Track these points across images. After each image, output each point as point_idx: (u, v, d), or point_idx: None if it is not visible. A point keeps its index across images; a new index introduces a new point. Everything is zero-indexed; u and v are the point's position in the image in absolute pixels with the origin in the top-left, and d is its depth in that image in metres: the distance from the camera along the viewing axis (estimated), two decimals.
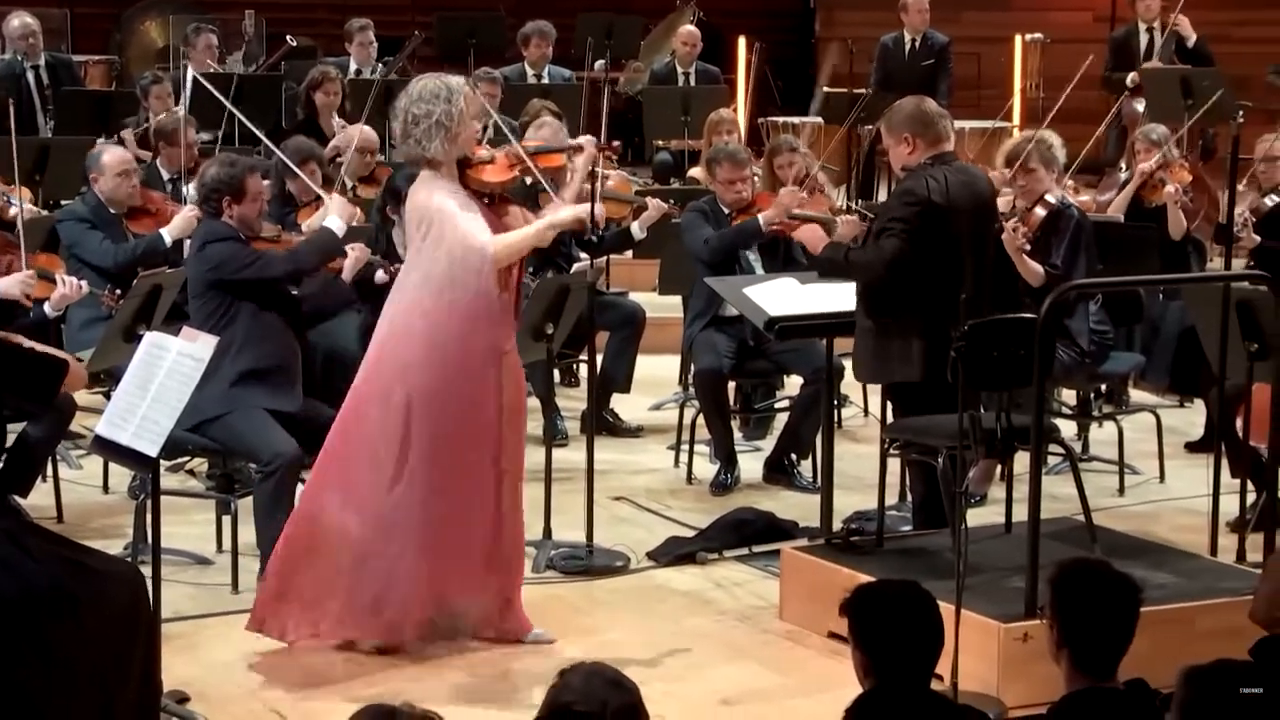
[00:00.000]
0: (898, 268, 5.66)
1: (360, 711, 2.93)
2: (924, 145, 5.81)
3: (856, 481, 7.01)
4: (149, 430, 4.52)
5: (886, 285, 5.70)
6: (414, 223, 5.26)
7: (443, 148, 5.22)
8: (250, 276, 5.95)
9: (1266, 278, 5.76)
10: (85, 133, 9.48)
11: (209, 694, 5.04)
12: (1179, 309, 7.85)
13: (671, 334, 8.31)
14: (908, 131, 5.82)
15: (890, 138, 5.88)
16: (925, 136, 5.81)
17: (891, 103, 6.15)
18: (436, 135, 5.21)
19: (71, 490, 6.95)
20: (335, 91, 10.00)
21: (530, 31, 11.55)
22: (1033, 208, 6.89)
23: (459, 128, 5.24)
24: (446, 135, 5.21)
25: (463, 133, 5.26)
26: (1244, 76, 11.68)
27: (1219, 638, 4.67)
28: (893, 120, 5.88)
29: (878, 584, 3.82)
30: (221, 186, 6.01)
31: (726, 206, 7.51)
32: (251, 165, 6.25)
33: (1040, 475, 5.12)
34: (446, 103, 5.22)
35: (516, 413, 5.34)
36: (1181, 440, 7.86)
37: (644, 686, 3.06)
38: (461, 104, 5.24)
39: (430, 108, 5.21)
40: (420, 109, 5.22)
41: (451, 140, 5.23)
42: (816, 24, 16.26)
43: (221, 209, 6.02)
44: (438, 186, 5.24)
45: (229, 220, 6.02)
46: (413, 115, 5.23)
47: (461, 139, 5.27)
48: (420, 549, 5.20)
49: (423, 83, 5.31)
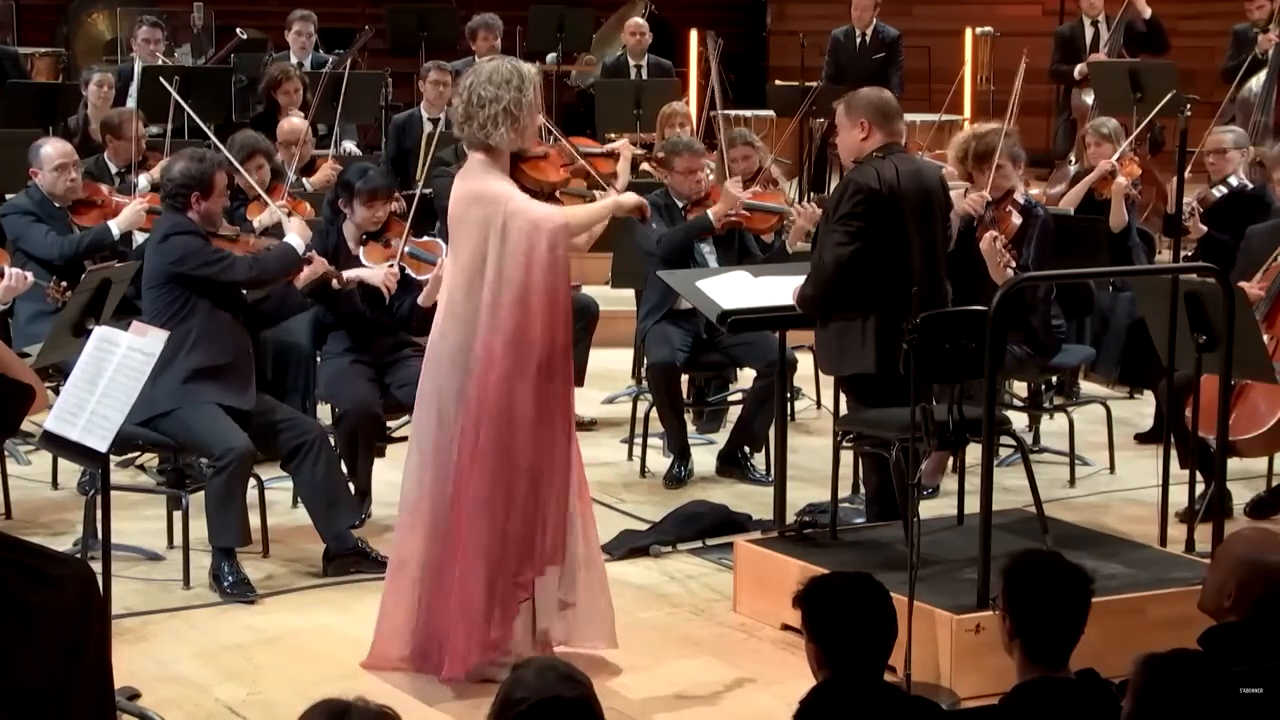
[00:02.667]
0: (847, 266, 5.67)
1: (313, 707, 2.91)
2: (878, 135, 5.81)
3: (810, 474, 7.03)
4: (99, 425, 4.49)
5: (837, 280, 5.72)
6: (463, 209, 4.93)
7: (506, 137, 4.94)
8: (211, 275, 5.93)
9: (1214, 270, 5.80)
10: (29, 126, 9.40)
11: (160, 690, 5.01)
12: (1128, 301, 7.91)
13: (625, 327, 8.31)
14: (865, 117, 5.81)
15: (847, 119, 5.84)
16: (882, 127, 5.81)
17: (841, 95, 6.16)
18: (503, 123, 4.92)
19: (20, 486, 6.89)
20: (296, 89, 9.97)
21: (477, 25, 11.52)
22: (1006, 212, 6.91)
23: (527, 119, 4.97)
24: (513, 125, 4.93)
25: (530, 125, 5.00)
26: (1191, 70, 11.77)
27: (1169, 627, 4.71)
28: (854, 103, 5.85)
29: (831, 576, 3.83)
30: (190, 182, 5.99)
31: (681, 198, 7.51)
32: (219, 161, 6.23)
33: (992, 467, 5.14)
34: (518, 90, 4.94)
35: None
36: (1131, 431, 7.92)
37: (597, 680, 3.05)
38: (531, 94, 4.96)
39: (500, 93, 4.92)
40: (489, 91, 4.93)
41: (517, 131, 4.96)
42: (768, 17, 16.30)
43: (189, 204, 6.00)
44: (492, 175, 4.97)
45: (193, 216, 6.00)
46: (479, 97, 4.94)
47: (528, 132, 5.00)
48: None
49: (494, 64, 5.02)
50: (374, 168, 6.99)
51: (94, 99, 9.64)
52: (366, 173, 6.76)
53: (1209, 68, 12.13)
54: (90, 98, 9.70)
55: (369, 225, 6.66)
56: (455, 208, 5.00)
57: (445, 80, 10.11)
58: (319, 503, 6.03)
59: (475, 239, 4.92)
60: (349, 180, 6.71)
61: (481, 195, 4.93)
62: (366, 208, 6.62)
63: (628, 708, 4.88)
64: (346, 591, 5.91)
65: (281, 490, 6.65)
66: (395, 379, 6.54)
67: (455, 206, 5.00)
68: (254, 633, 5.53)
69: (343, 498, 6.10)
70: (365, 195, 6.61)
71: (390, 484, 6.74)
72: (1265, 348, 6.13)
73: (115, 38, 12.93)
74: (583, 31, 13.53)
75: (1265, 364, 6.06)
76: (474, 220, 4.92)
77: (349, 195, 6.65)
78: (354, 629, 5.53)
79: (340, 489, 6.10)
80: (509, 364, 4.89)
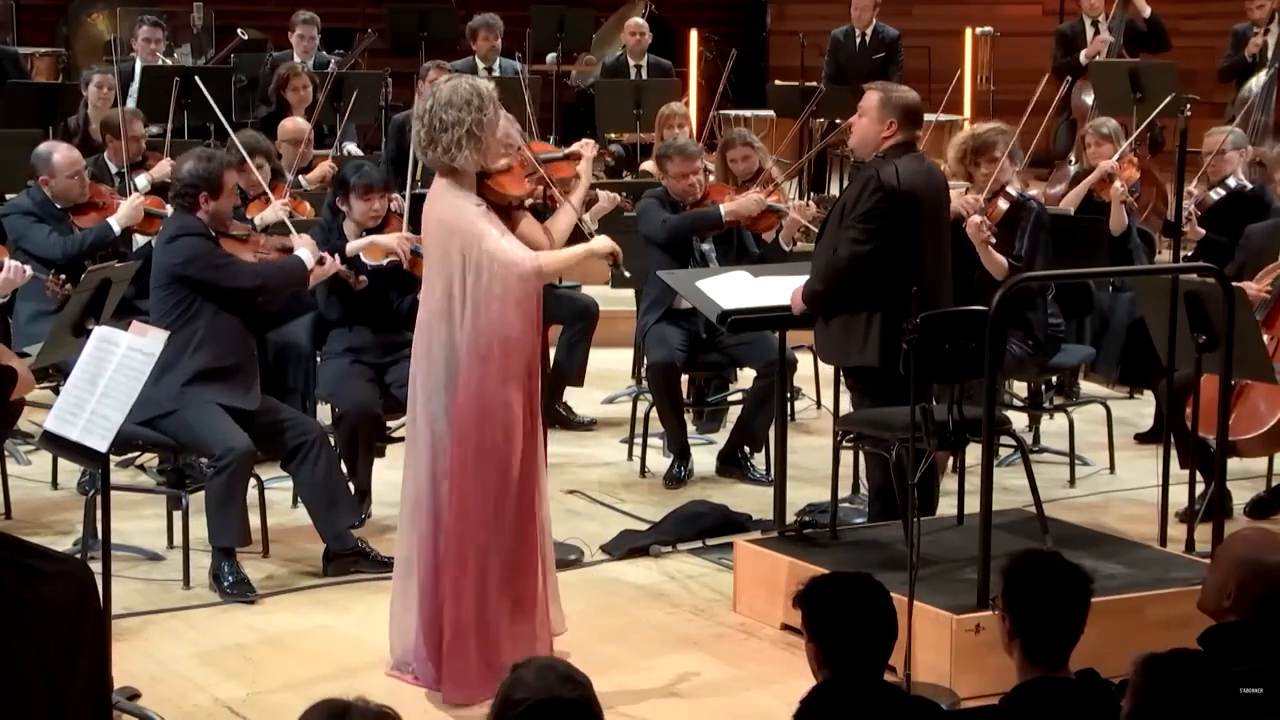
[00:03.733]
0: (863, 259, 5.68)
1: (313, 707, 2.91)
2: (901, 134, 5.83)
3: (810, 474, 7.03)
4: (99, 425, 4.48)
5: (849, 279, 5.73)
6: (437, 237, 4.95)
7: (471, 158, 4.93)
8: (215, 280, 5.93)
9: (1214, 270, 5.80)
10: (29, 126, 9.40)
11: (160, 690, 5.01)
12: (1128, 301, 7.91)
13: (624, 327, 8.31)
14: (895, 117, 5.82)
15: (878, 113, 5.83)
16: (906, 129, 5.83)
17: (843, 96, 6.16)
18: (467, 145, 4.90)
19: (20, 486, 6.89)
20: (304, 85, 9.97)
21: (478, 25, 11.52)
22: (995, 200, 6.93)
23: (490, 138, 4.96)
24: (477, 146, 4.91)
25: (493, 144, 4.98)
26: (1191, 70, 11.77)
27: (1169, 627, 4.71)
28: (890, 100, 5.84)
29: (831, 576, 3.82)
30: (199, 182, 5.98)
31: (679, 199, 7.51)
32: (227, 161, 6.23)
33: (992, 467, 5.14)
34: (478, 111, 4.91)
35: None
36: (1131, 431, 7.92)
37: (597, 680, 3.05)
38: (491, 112, 4.95)
39: (461, 115, 4.90)
40: (450, 115, 4.91)
41: (480, 151, 4.94)
42: (768, 17, 16.30)
43: (198, 204, 6.00)
44: (460, 198, 4.95)
45: (203, 216, 6.00)
46: (441, 121, 4.92)
47: (491, 151, 4.99)
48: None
49: (452, 85, 4.98)
50: (369, 163, 7.00)
51: (94, 99, 9.63)
52: (361, 168, 6.78)
53: (1209, 68, 12.13)
54: (90, 98, 9.69)
55: (368, 220, 6.67)
56: (432, 233, 5.00)
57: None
58: (319, 503, 6.03)
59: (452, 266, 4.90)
60: (344, 177, 6.73)
61: (457, 228, 4.92)
62: (363, 201, 6.63)
63: (628, 708, 4.88)
64: (346, 591, 5.91)
65: (281, 490, 6.65)
66: (395, 379, 6.54)
67: (432, 232, 5.00)
68: (254, 633, 5.53)
69: (343, 498, 6.10)
70: (361, 189, 6.62)
71: (390, 484, 6.75)
72: (1265, 348, 6.14)
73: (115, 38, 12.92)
74: (583, 31, 13.52)
75: (1265, 364, 6.06)
76: (453, 251, 4.91)
77: (345, 192, 6.66)
78: (354, 629, 5.53)
79: (340, 489, 6.10)
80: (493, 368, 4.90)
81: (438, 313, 4.95)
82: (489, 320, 4.88)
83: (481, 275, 4.88)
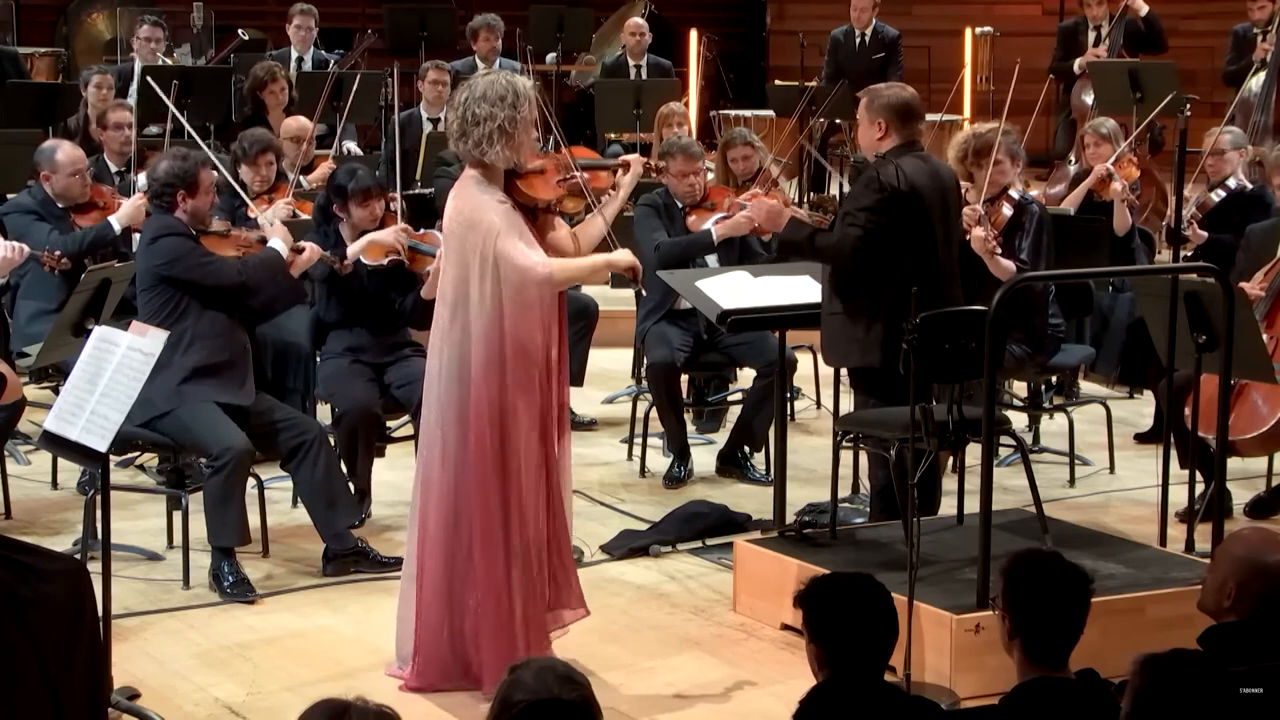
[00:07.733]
0: (864, 256, 5.68)
1: (313, 707, 2.91)
2: (896, 135, 5.83)
3: (809, 474, 7.03)
4: (98, 425, 4.49)
5: (854, 272, 5.73)
6: (455, 228, 4.90)
7: (501, 154, 4.89)
8: (200, 278, 5.94)
9: (1214, 270, 5.80)
10: (29, 126, 9.40)
11: (160, 690, 5.01)
12: (1128, 301, 7.91)
13: (624, 327, 8.30)
14: (883, 118, 5.83)
15: (867, 116, 5.87)
16: (899, 129, 5.83)
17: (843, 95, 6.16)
18: (498, 141, 4.86)
19: (19, 486, 6.89)
20: (282, 88, 9.96)
21: (478, 25, 11.52)
22: (998, 204, 6.92)
23: (523, 136, 4.92)
24: (508, 142, 4.88)
25: (525, 142, 4.94)
26: (1191, 70, 11.77)
27: (1168, 627, 4.71)
28: (874, 102, 5.86)
29: (831, 576, 3.82)
30: (175, 180, 5.99)
31: (679, 199, 7.51)
32: (203, 159, 6.23)
33: (992, 467, 5.14)
34: (512, 108, 4.87)
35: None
36: (1131, 431, 7.92)
37: (597, 680, 3.06)
38: (526, 110, 4.90)
39: (495, 110, 4.86)
40: (483, 109, 4.87)
41: (512, 148, 4.90)
42: (768, 17, 16.31)
43: (175, 203, 6.00)
44: (484, 193, 4.91)
45: (181, 215, 6.00)
46: (474, 114, 4.88)
47: (523, 149, 4.95)
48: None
49: (489, 80, 4.95)
50: (362, 168, 6.99)
51: (94, 99, 9.63)
52: (355, 173, 6.75)
53: (1209, 68, 12.13)
54: (90, 98, 9.70)
55: (366, 224, 6.66)
56: (451, 224, 4.97)
57: (444, 80, 10.12)
58: (318, 502, 6.03)
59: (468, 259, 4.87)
60: (340, 183, 6.68)
61: (475, 222, 4.89)
62: (361, 207, 6.62)
63: (627, 708, 4.88)
64: (346, 591, 5.91)
65: (281, 490, 6.65)
66: (395, 379, 6.54)
67: (451, 223, 4.97)
68: (254, 633, 5.52)
69: (342, 498, 6.10)
70: (359, 195, 6.61)
71: (390, 484, 6.78)
72: (1265, 348, 6.14)
73: (115, 38, 12.93)
74: (583, 31, 13.53)
75: (1265, 364, 6.06)
76: (470, 245, 4.88)
77: (342, 199, 6.63)
78: (354, 629, 5.53)
79: (340, 489, 6.10)
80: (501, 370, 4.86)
81: (451, 305, 4.92)
82: (497, 320, 4.86)
83: (489, 273, 4.86)
